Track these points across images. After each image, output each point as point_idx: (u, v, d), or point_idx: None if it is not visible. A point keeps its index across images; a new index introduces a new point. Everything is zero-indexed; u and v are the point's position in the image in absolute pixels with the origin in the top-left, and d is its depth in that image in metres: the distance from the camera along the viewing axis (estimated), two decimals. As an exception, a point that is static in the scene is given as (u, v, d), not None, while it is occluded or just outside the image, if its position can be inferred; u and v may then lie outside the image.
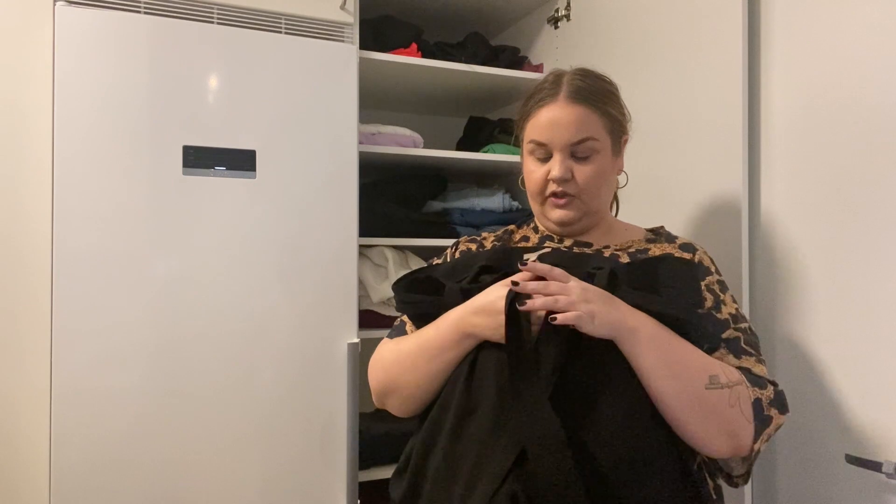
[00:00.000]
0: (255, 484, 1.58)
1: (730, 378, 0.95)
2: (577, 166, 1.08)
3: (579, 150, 1.08)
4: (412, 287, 1.08)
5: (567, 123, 1.07)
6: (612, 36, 1.75)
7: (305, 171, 1.64)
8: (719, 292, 1.07)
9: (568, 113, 1.07)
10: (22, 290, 1.48)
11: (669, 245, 1.12)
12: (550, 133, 1.08)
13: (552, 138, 1.08)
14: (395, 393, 1.09)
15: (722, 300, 1.06)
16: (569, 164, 1.08)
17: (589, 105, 1.08)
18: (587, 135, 1.07)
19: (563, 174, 1.08)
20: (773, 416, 0.96)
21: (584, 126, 1.07)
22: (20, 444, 1.47)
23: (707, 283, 1.07)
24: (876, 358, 1.13)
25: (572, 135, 1.07)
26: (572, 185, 1.09)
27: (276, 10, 1.66)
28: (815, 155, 1.24)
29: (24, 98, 1.49)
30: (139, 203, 1.50)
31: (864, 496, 1.15)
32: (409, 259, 1.94)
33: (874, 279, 1.14)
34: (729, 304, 1.06)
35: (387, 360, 1.10)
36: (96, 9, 1.49)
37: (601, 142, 1.08)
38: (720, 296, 1.06)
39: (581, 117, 1.07)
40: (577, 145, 1.07)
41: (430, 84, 2.08)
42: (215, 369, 1.55)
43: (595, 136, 1.08)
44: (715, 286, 1.07)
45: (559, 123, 1.07)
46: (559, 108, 1.08)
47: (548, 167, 1.09)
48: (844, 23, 1.19)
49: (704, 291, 1.05)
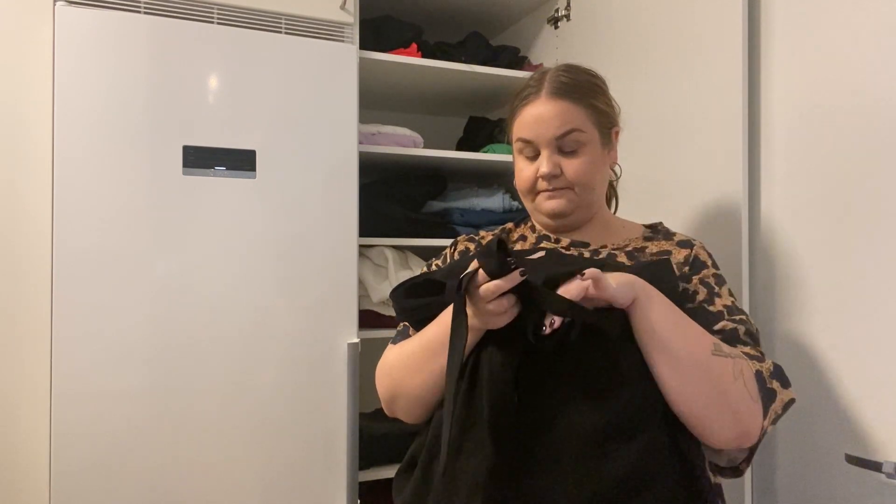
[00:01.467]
0: (255, 484, 1.58)
1: (731, 350, 0.95)
2: (564, 161, 1.08)
3: (565, 144, 1.08)
4: (411, 292, 1.06)
5: (550, 118, 1.07)
6: (612, 36, 1.75)
7: (305, 171, 1.64)
8: (714, 285, 1.06)
9: (551, 108, 1.07)
10: (22, 291, 1.48)
11: (667, 242, 1.12)
12: (535, 129, 1.08)
13: (537, 134, 1.08)
14: (402, 397, 1.08)
15: (717, 293, 1.05)
16: (556, 159, 1.08)
17: (571, 99, 1.08)
18: (571, 127, 1.07)
19: (551, 170, 1.08)
20: (776, 389, 0.95)
21: (568, 119, 1.07)
22: (20, 445, 1.47)
23: (701, 277, 1.06)
24: (875, 358, 1.13)
25: (556, 128, 1.07)
26: (562, 181, 1.09)
27: (276, 10, 1.66)
28: (815, 155, 1.24)
29: (24, 98, 1.49)
30: (139, 203, 1.50)
31: (864, 496, 1.15)
32: (409, 259, 1.94)
33: (874, 279, 1.14)
34: (724, 297, 1.05)
35: (392, 365, 1.10)
36: (96, 9, 1.49)
37: (587, 133, 1.08)
38: (715, 288, 1.05)
39: (563, 110, 1.07)
40: (562, 139, 1.07)
41: (430, 84, 2.08)
42: (215, 369, 1.55)
43: (580, 128, 1.07)
44: (710, 279, 1.07)
45: (542, 119, 1.08)
46: (542, 103, 1.08)
47: (536, 165, 1.09)
48: (844, 23, 1.19)
49: (697, 284, 1.05)
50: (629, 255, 1.10)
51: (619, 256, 1.10)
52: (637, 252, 1.10)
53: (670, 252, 1.09)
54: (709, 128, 1.42)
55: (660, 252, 1.10)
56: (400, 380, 1.07)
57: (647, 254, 1.10)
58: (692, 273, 1.07)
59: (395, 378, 1.08)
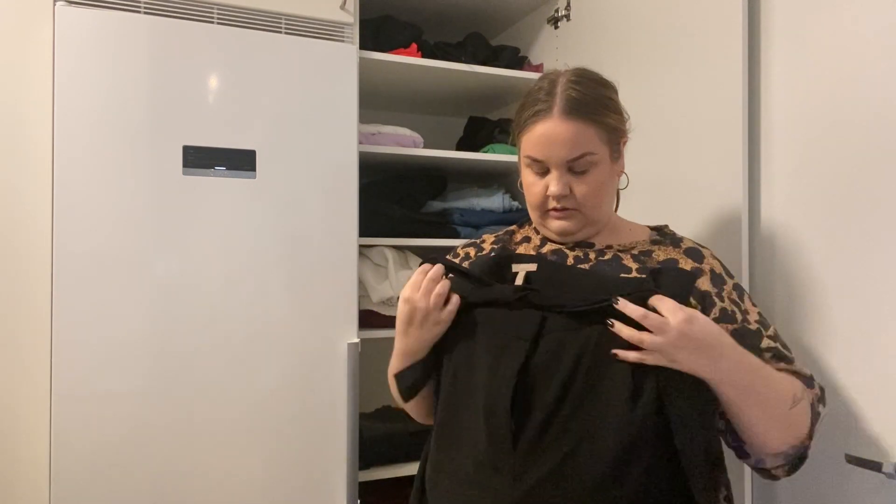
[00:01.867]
0: (255, 484, 1.58)
1: (800, 391, 1.00)
2: (575, 181, 1.06)
3: (577, 166, 1.05)
4: None
5: (563, 141, 1.04)
6: (612, 36, 1.75)
7: (305, 171, 1.64)
8: (739, 300, 1.06)
9: (563, 129, 1.03)
10: (22, 291, 1.48)
11: (674, 249, 1.10)
12: (546, 151, 1.05)
13: (548, 156, 1.05)
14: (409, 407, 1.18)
15: (744, 309, 1.05)
16: (567, 179, 1.06)
17: (585, 119, 1.04)
18: (584, 150, 1.04)
19: (561, 191, 1.06)
20: (820, 412, 1.03)
21: (581, 142, 1.04)
22: (20, 445, 1.47)
23: (727, 294, 1.06)
24: (876, 358, 1.13)
25: (569, 152, 1.04)
26: (571, 200, 1.07)
27: (276, 10, 1.66)
28: (815, 155, 1.24)
29: (24, 98, 1.49)
30: (139, 203, 1.50)
31: (864, 496, 1.15)
32: (409, 259, 1.94)
33: (874, 279, 1.14)
34: (752, 311, 1.06)
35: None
36: (96, 9, 1.49)
37: (599, 154, 1.06)
38: (741, 304, 1.06)
39: (577, 133, 1.04)
40: (574, 161, 1.05)
41: (430, 84, 2.08)
42: (215, 369, 1.55)
43: (592, 151, 1.05)
44: (734, 293, 1.06)
45: (555, 141, 1.04)
46: (554, 124, 1.04)
47: (546, 182, 1.07)
48: (844, 23, 1.19)
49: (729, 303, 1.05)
50: (635, 257, 1.09)
51: (624, 259, 1.09)
52: (643, 255, 1.09)
53: (677, 261, 1.08)
54: (709, 128, 1.42)
55: (667, 260, 1.08)
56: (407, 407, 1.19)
57: (653, 259, 1.08)
58: (718, 291, 1.06)
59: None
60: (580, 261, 1.10)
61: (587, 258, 1.11)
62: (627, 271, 1.06)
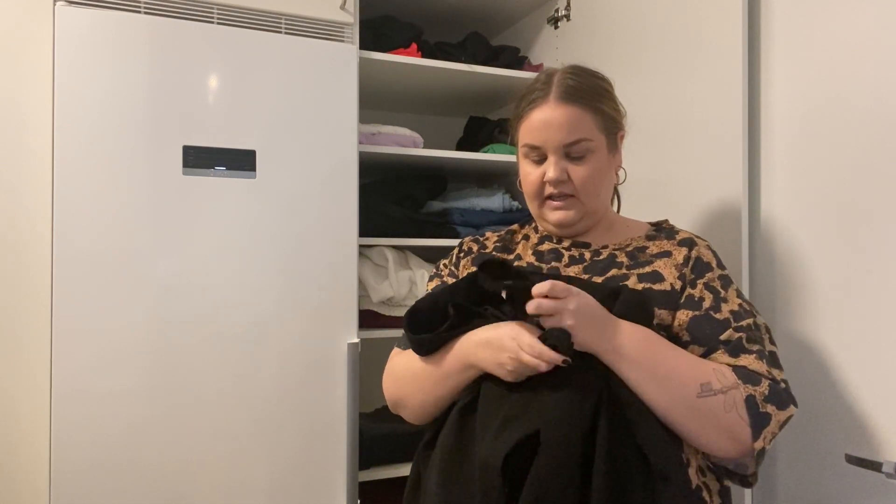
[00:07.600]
0: (255, 483, 1.58)
1: (724, 383, 0.95)
2: (572, 167, 1.08)
3: (573, 151, 1.07)
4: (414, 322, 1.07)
5: (559, 125, 1.06)
6: (613, 36, 1.75)
7: (305, 171, 1.64)
8: (720, 289, 1.05)
9: (560, 114, 1.06)
10: (22, 291, 1.48)
11: (668, 241, 1.11)
12: (543, 135, 1.07)
13: (545, 140, 1.07)
14: (405, 406, 1.13)
15: (723, 297, 1.04)
16: (564, 164, 1.08)
17: (581, 104, 1.07)
18: (580, 136, 1.06)
19: (558, 175, 1.07)
20: (770, 412, 0.95)
21: (577, 127, 1.06)
22: (20, 445, 1.47)
23: (706, 281, 1.05)
24: (876, 357, 1.13)
25: (565, 136, 1.06)
26: (569, 186, 1.08)
27: (276, 10, 1.66)
28: (815, 154, 1.24)
29: (25, 98, 1.49)
30: (139, 203, 1.50)
31: (864, 496, 1.15)
32: (409, 259, 1.94)
33: (874, 279, 1.14)
34: (731, 301, 1.04)
35: (398, 375, 1.13)
36: (96, 9, 1.49)
37: (595, 141, 1.08)
38: (721, 293, 1.04)
39: (573, 117, 1.06)
40: (570, 146, 1.07)
41: (430, 84, 2.08)
42: (215, 369, 1.55)
43: (589, 137, 1.07)
44: (716, 282, 1.06)
45: (551, 125, 1.07)
46: (550, 109, 1.07)
47: (543, 169, 1.09)
48: (844, 23, 1.19)
49: (702, 290, 1.04)
50: (629, 255, 1.10)
51: (619, 256, 1.10)
52: (638, 252, 1.10)
53: (670, 253, 1.08)
54: (709, 128, 1.42)
55: (660, 252, 1.09)
56: (404, 392, 1.11)
57: (647, 254, 1.09)
58: (696, 277, 1.06)
59: (400, 388, 1.12)
60: (575, 261, 1.11)
61: (582, 258, 1.11)
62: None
